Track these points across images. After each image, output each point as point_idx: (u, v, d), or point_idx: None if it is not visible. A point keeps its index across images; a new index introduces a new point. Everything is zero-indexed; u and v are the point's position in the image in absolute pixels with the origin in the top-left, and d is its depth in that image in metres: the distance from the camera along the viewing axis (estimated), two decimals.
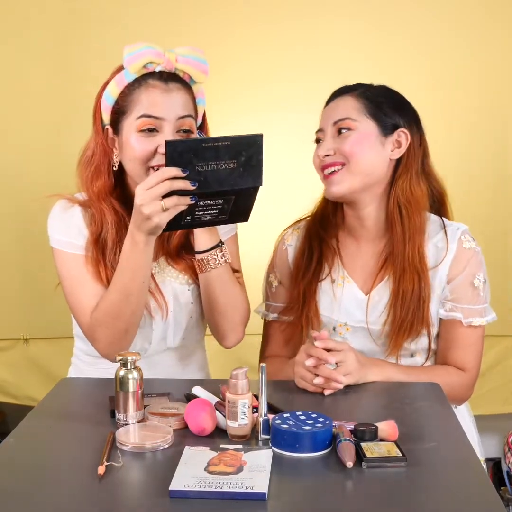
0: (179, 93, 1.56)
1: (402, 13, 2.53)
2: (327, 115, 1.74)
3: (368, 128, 1.67)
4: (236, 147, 1.38)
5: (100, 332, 1.56)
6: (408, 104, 1.74)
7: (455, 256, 1.68)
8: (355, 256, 1.76)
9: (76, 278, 1.60)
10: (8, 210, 2.57)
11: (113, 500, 1.13)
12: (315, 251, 1.76)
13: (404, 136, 1.69)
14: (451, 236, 1.69)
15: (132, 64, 1.54)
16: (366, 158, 1.66)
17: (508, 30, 2.51)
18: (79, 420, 1.39)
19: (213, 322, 1.68)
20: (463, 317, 1.68)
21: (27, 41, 2.50)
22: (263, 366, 1.29)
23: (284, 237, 1.85)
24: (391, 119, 1.69)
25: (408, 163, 1.69)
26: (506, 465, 2.30)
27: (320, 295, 1.75)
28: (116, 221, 1.61)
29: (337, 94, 1.75)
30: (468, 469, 1.21)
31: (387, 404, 1.50)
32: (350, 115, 1.68)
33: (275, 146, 2.56)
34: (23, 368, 2.67)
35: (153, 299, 1.63)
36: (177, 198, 1.38)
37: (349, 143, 1.66)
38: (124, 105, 1.56)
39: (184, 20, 2.50)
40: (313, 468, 1.21)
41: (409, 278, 1.66)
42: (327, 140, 1.70)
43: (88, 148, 1.63)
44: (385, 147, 1.68)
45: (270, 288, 1.83)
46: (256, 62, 2.52)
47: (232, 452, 1.22)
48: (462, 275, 1.68)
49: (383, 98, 1.71)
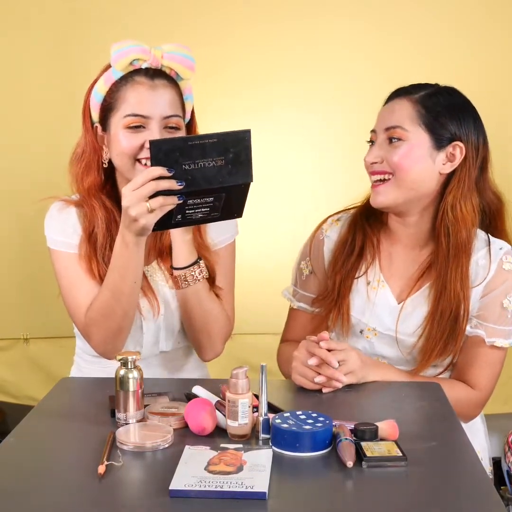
0: (165, 89, 1.56)
1: (402, 13, 2.53)
2: (381, 117, 1.67)
3: (420, 140, 1.60)
4: (223, 144, 1.36)
5: (94, 331, 1.57)
6: (470, 111, 1.66)
7: (493, 276, 1.64)
8: (393, 261, 1.72)
9: (72, 278, 1.62)
10: (8, 210, 2.57)
11: (113, 500, 1.13)
12: (357, 245, 1.72)
13: (459, 150, 1.62)
14: (494, 255, 1.64)
15: (118, 61, 1.55)
16: (414, 172, 1.61)
17: (508, 30, 2.51)
18: (79, 420, 1.39)
19: (191, 336, 1.69)
20: (486, 335, 1.63)
21: (27, 41, 2.50)
22: (264, 366, 1.29)
23: (323, 227, 1.80)
24: (447, 131, 1.61)
25: (461, 178, 1.63)
26: (506, 464, 2.30)
27: (354, 293, 1.71)
28: (106, 217, 1.62)
29: (396, 95, 1.67)
30: (468, 468, 1.20)
31: (388, 403, 1.50)
32: (402, 123, 1.61)
33: (275, 146, 2.57)
34: (23, 367, 2.67)
35: (145, 299, 1.64)
36: (163, 198, 1.36)
37: (398, 155, 1.60)
38: (111, 102, 1.58)
39: (184, 20, 2.50)
40: (313, 467, 1.21)
41: (448, 299, 1.61)
42: (377, 145, 1.65)
43: (79, 145, 1.65)
44: (436, 160, 1.62)
45: (300, 276, 1.80)
46: (256, 62, 2.52)
47: (232, 452, 1.22)
48: (494, 293, 1.63)
49: (443, 106, 1.63)
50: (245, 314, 1.76)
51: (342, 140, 2.50)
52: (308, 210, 1.88)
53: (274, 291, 1.95)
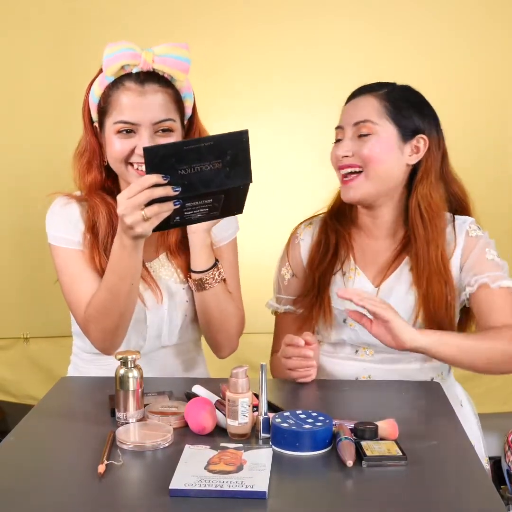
0: (156, 94, 1.55)
1: (402, 13, 2.52)
2: (347, 113, 1.72)
3: (388, 133, 1.66)
4: (220, 146, 1.33)
5: (92, 328, 1.57)
6: (429, 107, 1.72)
7: (464, 245, 1.69)
8: (366, 252, 1.77)
9: (73, 274, 1.62)
10: (8, 210, 2.57)
11: (113, 499, 1.13)
12: (331, 243, 1.77)
13: (423, 142, 1.68)
14: (459, 229, 1.71)
15: (109, 67, 1.55)
16: (384, 164, 1.66)
17: (508, 30, 2.51)
18: (79, 419, 1.39)
19: (209, 336, 1.71)
20: (490, 281, 1.65)
21: (27, 41, 2.50)
22: (263, 365, 1.29)
23: (297, 232, 1.85)
24: (412, 124, 1.67)
25: (427, 169, 1.69)
26: (506, 463, 2.30)
27: (332, 286, 1.75)
28: (108, 212, 1.63)
29: (359, 92, 1.72)
30: (468, 467, 1.21)
31: (387, 402, 1.50)
32: (371, 117, 1.66)
33: (274, 146, 2.57)
34: (23, 367, 2.67)
35: (149, 290, 1.64)
36: (158, 206, 1.34)
37: (368, 148, 1.65)
38: (105, 106, 1.59)
39: (184, 20, 2.50)
40: (313, 467, 1.21)
41: (436, 282, 1.66)
42: (346, 140, 1.69)
43: (80, 143, 1.67)
44: (403, 152, 1.67)
45: (283, 281, 1.84)
46: (256, 62, 2.52)
47: (232, 451, 1.22)
48: (473, 255, 1.68)
49: (405, 101, 1.69)
50: (245, 313, 1.76)
51: None
52: (308, 210, 1.88)
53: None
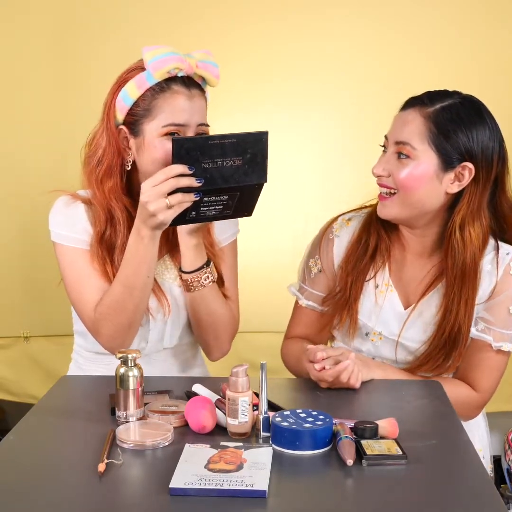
0: (200, 99, 1.57)
1: (403, 13, 2.50)
2: (393, 127, 1.63)
3: (428, 160, 1.57)
4: (242, 144, 1.40)
5: (104, 326, 1.56)
6: (488, 124, 1.60)
7: (499, 281, 1.63)
8: (402, 266, 1.71)
9: (79, 273, 1.60)
10: (9, 209, 2.57)
11: (113, 498, 1.13)
12: (370, 246, 1.70)
13: (468, 170, 1.57)
14: (502, 261, 1.63)
15: (159, 70, 1.52)
16: (419, 192, 1.58)
17: (508, 30, 2.51)
18: (79, 418, 1.39)
19: (199, 337, 1.70)
20: (493, 340, 1.63)
21: (27, 42, 2.50)
22: (264, 364, 1.29)
23: (333, 226, 1.77)
24: (458, 150, 1.56)
25: (470, 199, 1.58)
26: (506, 462, 2.30)
27: (363, 298, 1.70)
28: (127, 219, 1.58)
29: (409, 104, 1.63)
30: (468, 466, 1.21)
31: (388, 401, 1.51)
32: (412, 141, 1.57)
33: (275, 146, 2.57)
34: (23, 365, 2.67)
35: (155, 298, 1.63)
36: (182, 195, 1.40)
37: (404, 174, 1.57)
38: (147, 109, 1.54)
39: (184, 20, 2.49)
40: (313, 465, 1.21)
41: (451, 321, 1.60)
42: (385, 156, 1.62)
43: (99, 147, 1.59)
44: (443, 181, 1.58)
45: (309, 273, 1.78)
46: (261, 58, 2.52)
47: (232, 450, 1.22)
48: (500, 298, 1.63)
49: (456, 123, 1.57)
50: (245, 313, 1.76)
51: (343, 140, 2.50)
52: (309, 210, 1.88)
53: (275, 289, 1.96)
